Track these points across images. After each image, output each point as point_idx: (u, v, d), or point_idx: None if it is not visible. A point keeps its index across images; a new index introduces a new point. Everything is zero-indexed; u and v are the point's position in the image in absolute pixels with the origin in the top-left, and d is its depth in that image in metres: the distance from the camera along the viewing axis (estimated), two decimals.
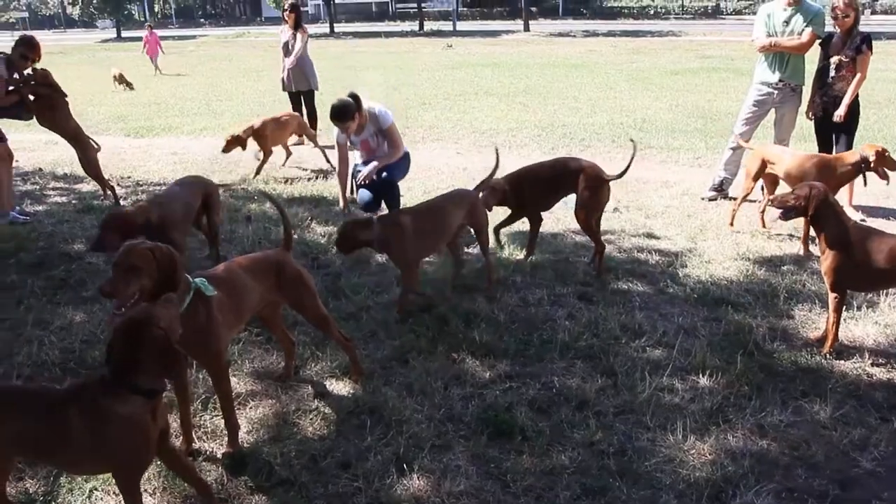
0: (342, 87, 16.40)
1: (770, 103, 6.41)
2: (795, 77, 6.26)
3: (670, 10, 58.93)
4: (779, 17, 6.25)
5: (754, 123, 6.54)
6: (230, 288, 2.90)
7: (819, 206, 3.64)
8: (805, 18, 6.12)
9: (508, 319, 4.08)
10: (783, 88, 6.29)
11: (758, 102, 6.45)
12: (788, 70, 6.24)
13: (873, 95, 12.15)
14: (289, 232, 3.38)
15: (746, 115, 6.51)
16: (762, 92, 6.42)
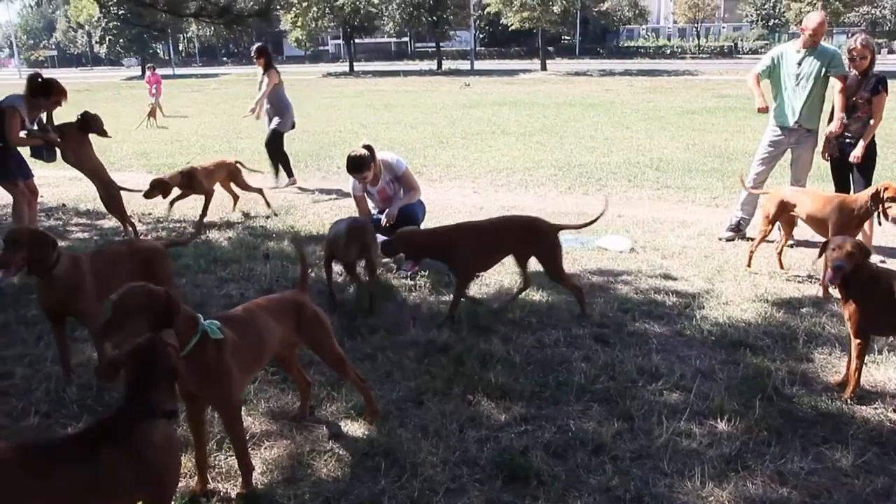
0: (360, 124, 16.71)
1: (786, 144, 6.42)
2: (811, 121, 6.27)
3: (686, 50, 59.40)
4: (791, 59, 6.28)
5: (770, 164, 6.54)
6: (248, 329, 2.92)
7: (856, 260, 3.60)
8: (821, 62, 6.15)
9: (524, 361, 4.06)
10: (798, 130, 6.31)
11: (773, 143, 6.46)
12: (804, 113, 6.26)
13: (891, 135, 12.12)
14: (306, 273, 3.41)
15: (762, 156, 6.52)
16: (777, 133, 6.43)
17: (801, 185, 6.30)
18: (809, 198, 5.57)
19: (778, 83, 6.40)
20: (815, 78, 6.17)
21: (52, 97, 6.12)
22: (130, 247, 4.32)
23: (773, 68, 6.41)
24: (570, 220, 7.17)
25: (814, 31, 6.15)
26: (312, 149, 12.73)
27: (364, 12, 46.99)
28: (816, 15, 6.33)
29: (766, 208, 5.80)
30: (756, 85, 6.48)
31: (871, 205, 5.10)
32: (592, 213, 7.36)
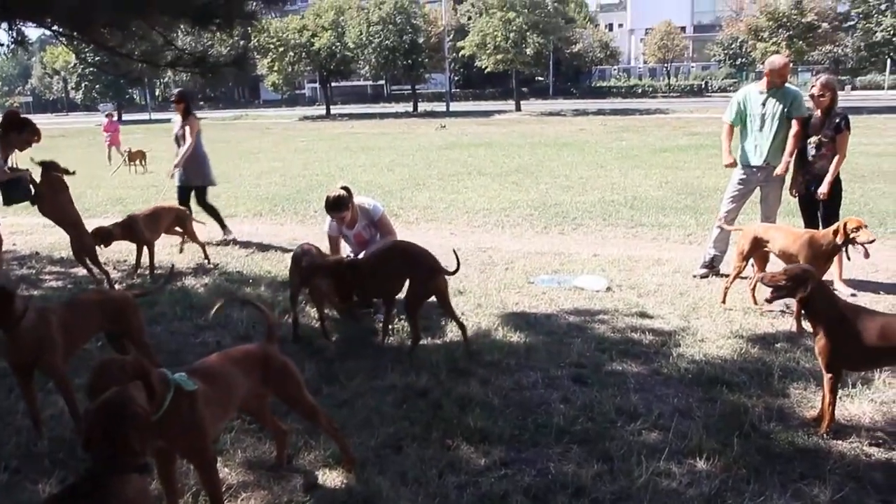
0: (337, 167, 16.77)
1: (755, 182, 6.56)
2: (777, 158, 6.41)
3: (657, 89, 60.61)
4: (755, 100, 6.46)
5: (740, 201, 6.67)
6: (216, 380, 2.90)
7: (805, 288, 3.68)
8: (784, 102, 6.32)
9: (503, 403, 4.06)
10: (766, 168, 6.44)
11: (742, 181, 6.60)
12: (771, 153, 6.41)
13: (857, 170, 12.43)
14: (271, 325, 3.39)
15: (732, 194, 6.65)
16: (746, 172, 6.57)
17: (771, 222, 6.42)
18: (781, 234, 5.68)
19: (744, 124, 6.56)
20: (779, 118, 6.34)
21: (25, 135, 6.10)
22: (101, 297, 4.27)
23: (740, 113, 6.57)
24: (548, 260, 7.27)
25: (778, 73, 6.34)
26: (289, 192, 12.76)
27: (340, 56, 47.48)
28: (779, 58, 6.52)
29: (739, 245, 5.90)
30: (728, 137, 6.67)
31: (839, 240, 5.21)
32: (569, 254, 7.49)
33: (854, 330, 3.58)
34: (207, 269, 7.36)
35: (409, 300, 4.84)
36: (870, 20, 34.86)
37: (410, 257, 4.90)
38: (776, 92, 6.37)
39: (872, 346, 3.54)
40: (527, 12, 40.87)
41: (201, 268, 7.40)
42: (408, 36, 45.63)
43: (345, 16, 47.67)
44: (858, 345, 3.57)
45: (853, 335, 3.57)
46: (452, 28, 51.40)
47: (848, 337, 3.58)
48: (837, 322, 3.62)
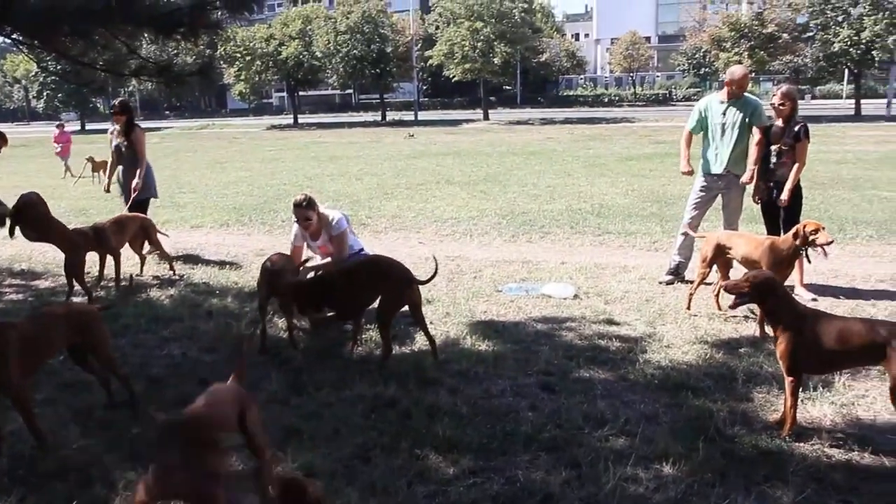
0: (305, 177, 16.69)
1: (716, 189, 6.68)
2: (738, 167, 6.53)
3: (623, 98, 61.35)
4: (716, 110, 6.58)
5: (703, 208, 6.78)
6: None
7: (767, 294, 3.75)
8: (744, 112, 6.45)
9: (471, 412, 4.06)
10: (727, 176, 6.57)
11: (705, 189, 6.71)
12: (731, 161, 6.53)
13: (817, 177, 12.69)
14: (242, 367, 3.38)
15: (695, 201, 6.76)
16: (708, 180, 6.69)
17: (733, 229, 6.54)
18: (743, 240, 5.79)
19: (706, 132, 6.68)
20: (739, 127, 6.46)
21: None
22: (66, 310, 4.20)
23: (701, 122, 6.69)
24: (516, 269, 7.31)
25: (738, 83, 6.47)
26: (257, 202, 12.67)
27: (308, 65, 47.32)
28: (739, 69, 6.66)
29: (703, 251, 5.99)
30: (686, 145, 6.80)
31: (797, 243, 5.33)
32: (537, 262, 7.54)
33: (814, 334, 3.65)
34: (173, 280, 7.27)
35: (381, 312, 4.82)
36: (828, 31, 35.68)
37: (382, 270, 4.89)
38: (736, 102, 6.50)
39: (832, 349, 3.62)
40: (494, 22, 41.17)
41: (166, 279, 7.31)
42: (376, 45, 45.66)
43: (312, 25, 47.57)
44: (819, 349, 3.65)
45: (813, 339, 3.65)
46: (420, 37, 51.56)
47: (808, 341, 3.66)
48: (798, 327, 3.69)
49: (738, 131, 6.47)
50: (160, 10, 5.45)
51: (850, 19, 34.63)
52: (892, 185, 12.31)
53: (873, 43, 33.67)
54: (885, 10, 33.65)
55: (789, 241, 5.44)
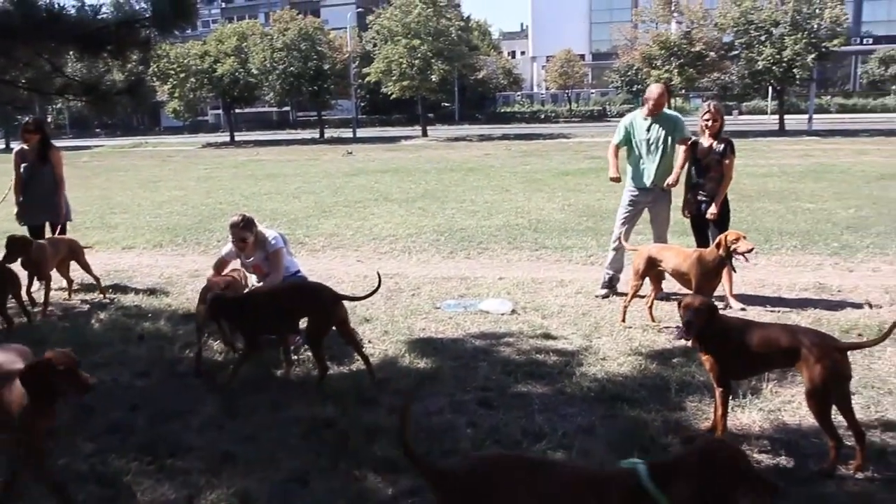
0: (242, 195, 16.43)
1: (644, 203, 6.86)
2: (664, 181, 6.72)
3: (559, 114, 62.43)
4: (640, 126, 6.79)
5: (632, 222, 6.96)
6: None
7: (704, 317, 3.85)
8: (667, 128, 6.67)
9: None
10: (654, 190, 6.76)
11: (632, 202, 6.89)
12: (657, 176, 6.72)
13: (744, 190, 13.13)
14: None
15: (624, 216, 6.93)
16: (635, 194, 6.86)
17: (663, 241, 6.73)
18: (672, 253, 5.96)
19: (632, 148, 6.87)
20: (663, 142, 6.68)
21: None
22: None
23: (627, 136, 6.87)
24: (454, 285, 7.34)
25: (655, 101, 6.69)
26: (191, 222, 12.41)
27: (244, 82, 46.72)
28: (656, 87, 6.92)
29: (635, 264, 6.13)
30: (614, 155, 6.97)
31: (721, 254, 5.52)
32: (475, 278, 7.58)
33: (736, 344, 3.78)
34: (103, 303, 7.06)
35: (310, 333, 4.79)
36: (752, 50, 37.09)
37: (307, 290, 4.92)
38: (658, 118, 6.72)
39: (756, 354, 3.76)
40: (431, 40, 41.43)
41: (96, 303, 7.10)
42: (313, 62, 45.38)
43: (248, 42, 47.03)
44: (741, 358, 3.77)
45: (735, 349, 3.77)
46: (358, 55, 51.51)
47: (731, 351, 3.78)
48: (721, 338, 3.81)
49: (662, 146, 6.68)
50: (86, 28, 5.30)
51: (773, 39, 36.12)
52: (815, 197, 12.83)
53: (794, 61, 35.15)
54: (804, 30, 35.26)
55: (714, 252, 5.62)
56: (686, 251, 5.99)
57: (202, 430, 4.10)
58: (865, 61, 60.02)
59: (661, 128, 6.69)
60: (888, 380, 4.62)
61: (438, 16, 41.76)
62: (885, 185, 14.41)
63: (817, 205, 11.97)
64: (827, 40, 35.94)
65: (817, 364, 3.51)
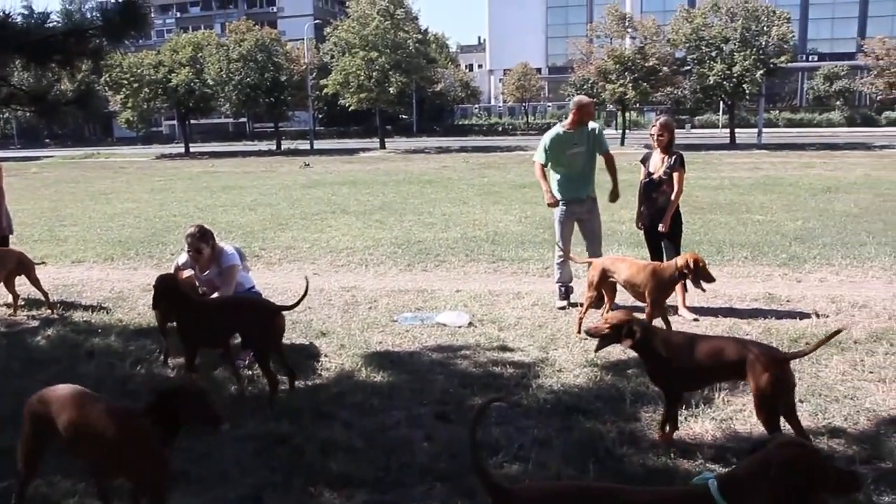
0: (196, 208, 16.20)
1: (576, 215, 6.97)
2: (592, 191, 6.91)
3: (517, 127, 62.98)
4: (564, 139, 6.89)
5: (570, 235, 7.07)
6: None
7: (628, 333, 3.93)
8: (590, 139, 6.82)
9: (366, 445, 4.02)
10: (585, 201, 6.86)
11: (566, 215, 6.98)
12: (585, 187, 6.86)
13: (697, 202, 13.41)
14: None
15: (560, 230, 7.04)
16: (567, 207, 6.96)
17: (597, 251, 6.90)
18: (626, 265, 6.05)
19: (557, 162, 6.94)
20: (587, 153, 6.81)
21: None
22: None
23: (549, 153, 6.95)
24: (412, 298, 7.32)
25: (586, 111, 6.85)
26: (144, 235, 12.18)
27: (199, 93, 46.13)
28: (585, 98, 7.07)
29: (589, 276, 6.21)
30: (543, 178, 7.03)
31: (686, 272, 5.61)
32: (432, 290, 7.59)
33: (682, 357, 3.85)
34: (51, 319, 6.87)
35: (256, 349, 4.74)
36: (703, 66, 37.97)
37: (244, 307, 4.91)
38: (582, 130, 6.82)
39: (702, 367, 3.84)
40: (389, 52, 41.49)
41: (43, 318, 6.91)
42: (270, 73, 45.05)
43: (203, 52, 46.50)
44: (690, 369, 3.86)
45: (683, 362, 3.85)
46: (315, 66, 51.26)
47: (678, 364, 3.86)
48: (665, 353, 3.89)
49: (587, 157, 6.79)
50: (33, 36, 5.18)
51: (723, 55, 37.07)
52: (764, 209, 13.14)
53: (744, 77, 36.10)
54: (753, 47, 36.26)
55: (671, 268, 5.71)
56: (640, 263, 6.09)
57: None
58: (811, 77, 61.92)
59: (586, 138, 6.81)
60: (834, 387, 4.73)
61: (396, 28, 41.86)
62: (831, 197, 14.84)
63: (767, 217, 12.27)
64: (774, 57, 37.06)
65: (763, 374, 3.59)
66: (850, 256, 8.80)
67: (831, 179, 18.43)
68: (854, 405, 4.45)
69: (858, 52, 44.20)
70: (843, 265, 8.42)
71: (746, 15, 36.72)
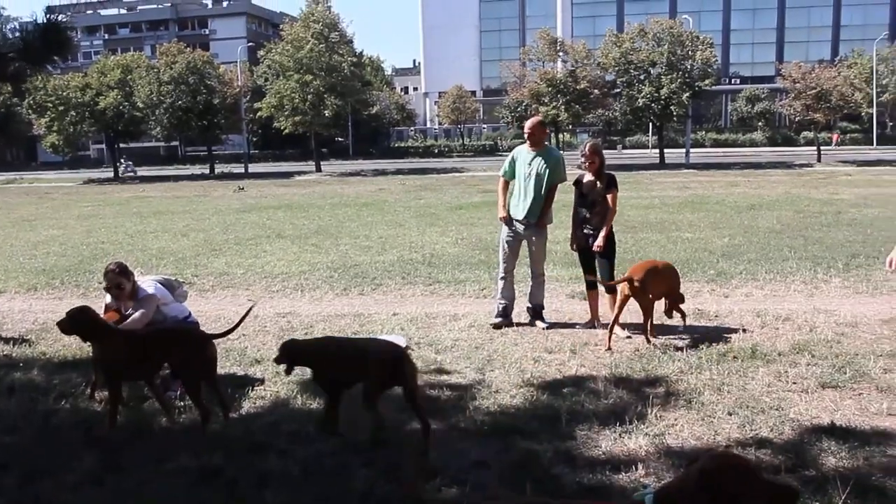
0: (126, 234, 15.77)
1: (522, 235, 7.06)
2: (536, 213, 6.97)
3: (453, 149, 63.50)
4: (524, 159, 7.01)
5: (515, 254, 7.16)
6: None
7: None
8: (546, 163, 6.91)
9: (303, 474, 3.95)
10: (528, 224, 6.97)
11: (512, 235, 7.08)
12: (532, 210, 6.95)
13: (629, 221, 13.73)
14: None
15: (505, 249, 7.11)
16: (512, 229, 7.06)
17: (539, 274, 7.01)
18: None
19: (515, 180, 7.06)
20: (540, 177, 6.91)
21: None
22: None
23: (512, 168, 7.08)
24: (348, 322, 7.27)
25: (529, 134, 6.98)
26: (70, 263, 11.77)
27: (129, 116, 45.14)
28: (531, 121, 7.20)
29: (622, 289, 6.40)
30: (503, 191, 7.16)
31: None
32: (369, 314, 7.55)
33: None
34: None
35: (183, 378, 4.64)
36: (632, 88, 39.19)
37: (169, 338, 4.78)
38: (541, 153, 6.97)
39: None
40: (324, 75, 41.42)
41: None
42: (202, 96, 44.40)
43: (133, 74, 45.55)
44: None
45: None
46: (249, 89, 50.75)
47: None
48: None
49: (538, 180, 6.89)
50: None
51: (651, 78, 38.35)
52: (693, 227, 13.56)
53: (671, 99, 37.40)
54: (679, 70, 37.63)
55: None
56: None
57: (78, 488, 3.85)
58: (734, 99, 64.56)
59: (543, 163, 6.91)
60: (761, 399, 4.89)
61: (331, 51, 41.85)
62: (755, 214, 15.42)
63: (695, 234, 12.65)
64: (699, 80, 38.53)
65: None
66: (774, 271, 9.15)
67: (755, 197, 19.17)
68: (779, 416, 4.60)
69: (777, 75, 46.24)
70: (766, 280, 8.74)
71: (672, 40, 38.15)
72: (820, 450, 4.09)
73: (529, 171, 6.91)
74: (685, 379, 5.31)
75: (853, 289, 8.16)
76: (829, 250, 10.60)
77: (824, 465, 3.90)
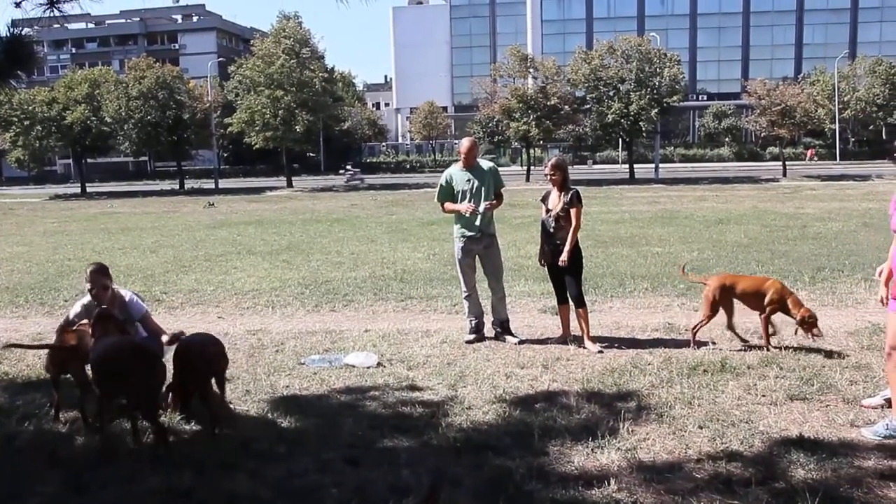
0: (93, 251, 15.55)
1: (476, 251, 7.10)
2: (490, 227, 7.06)
3: (425, 164, 63.67)
4: (460, 178, 7.08)
5: (472, 270, 7.19)
6: None
7: None
8: (482, 177, 7.01)
9: (273, 495, 3.90)
10: (482, 238, 7.02)
11: (465, 252, 7.11)
12: (482, 223, 7.00)
13: (599, 236, 13.85)
14: None
15: (461, 267, 7.15)
16: (465, 243, 7.09)
17: (499, 287, 7.05)
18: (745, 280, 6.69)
19: (455, 199, 7.09)
20: (482, 191, 6.97)
21: None
22: None
23: (448, 190, 7.12)
24: (319, 339, 7.22)
25: (465, 154, 7.07)
26: (34, 280, 11.55)
27: (96, 131, 44.61)
28: (466, 140, 7.30)
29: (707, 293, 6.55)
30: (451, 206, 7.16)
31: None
32: (340, 331, 7.50)
33: None
34: None
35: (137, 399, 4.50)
36: (602, 104, 39.70)
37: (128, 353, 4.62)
38: (474, 169, 7.06)
39: None
40: (295, 91, 41.37)
41: None
42: (172, 111, 44.08)
43: (101, 89, 45.08)
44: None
45: None
46: (220, 104, 50.48)
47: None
48: None
49: (482, 195, 6.94)
50: None
51: (620, 94, 38.88)
52: (663, 241, 13.70)
53: (640, 115, 37.96)
54: (647, 87, 38.21)
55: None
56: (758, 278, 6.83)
57: None
58: (702, 115, 65.62)
59: (478, 177, 7.01)
60: (731, 412, 4.93)
61: (302, 67, 41.85)
62: (723, 228, 15.64)
63: (665, 248, 12.78)
64: (667, 96, 39.13)
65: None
66: None
67: (723, 212, 19.44)
68: (749, 428, 4.64)
69: (743, 92, 47.15)
70: None
71: (640, 57, 38.77)
72: (789, 462, 4.13)
73: (471, 186, 6.98)
74: (656, 393, 5.34)
75: (819, 301, 8.28)
76: (795, 264, 10.77)
77: (793, 477, 3.94)
